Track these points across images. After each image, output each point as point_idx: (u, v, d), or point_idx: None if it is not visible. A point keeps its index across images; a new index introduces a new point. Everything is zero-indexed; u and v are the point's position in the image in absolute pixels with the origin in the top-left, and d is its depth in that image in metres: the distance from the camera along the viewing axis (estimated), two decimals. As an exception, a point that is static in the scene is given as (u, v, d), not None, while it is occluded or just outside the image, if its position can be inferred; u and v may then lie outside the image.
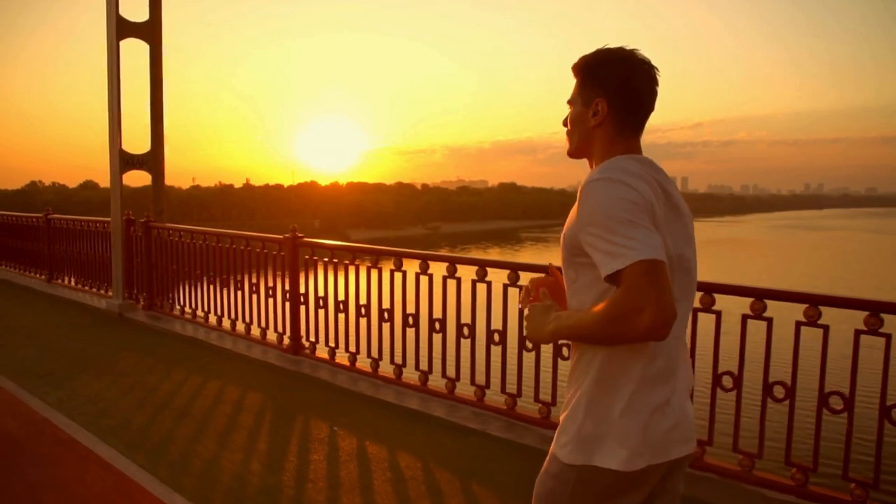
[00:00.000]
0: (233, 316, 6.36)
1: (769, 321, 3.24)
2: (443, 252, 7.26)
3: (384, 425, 4.21)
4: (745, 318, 3.30)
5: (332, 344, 5.46)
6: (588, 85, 1.56)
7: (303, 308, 5.70)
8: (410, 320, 4.83)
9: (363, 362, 5.26)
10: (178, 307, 7.10)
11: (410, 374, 4.92)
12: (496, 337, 4.33)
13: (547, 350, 3.95)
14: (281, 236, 5.78)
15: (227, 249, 6.34)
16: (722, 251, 55.11)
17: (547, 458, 1.57)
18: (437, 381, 4.79)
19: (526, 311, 1.59)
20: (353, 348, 5.29)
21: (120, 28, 7.28)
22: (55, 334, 6.52)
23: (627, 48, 1.54)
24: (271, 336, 6.04)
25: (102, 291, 8.38)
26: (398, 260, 4.92)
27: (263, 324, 6.05)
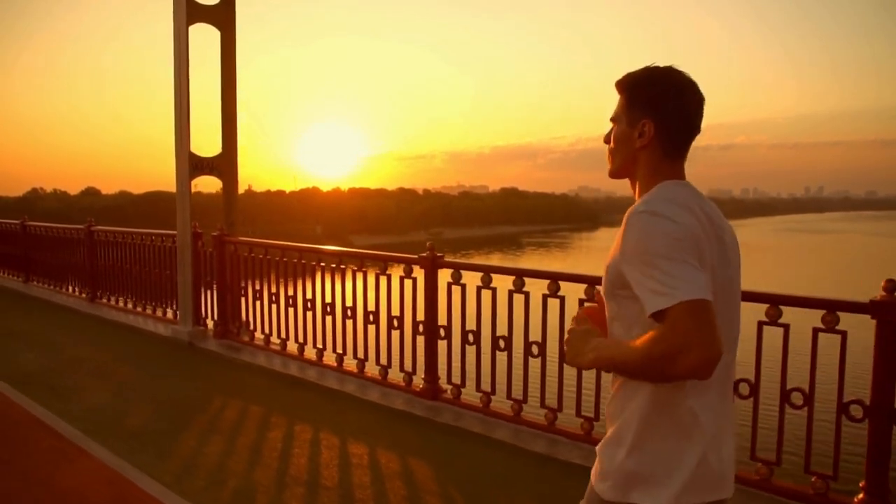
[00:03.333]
0: (339, 350, 5.31)
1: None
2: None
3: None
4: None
5: (485, 388, 4.43)
6: (635, 105, 1.50)
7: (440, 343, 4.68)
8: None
9: (534, 412, 4.24)
10: (260, 336, 6.04)
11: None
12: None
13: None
14: (416, 255, 4.74)
15: (331, 270, 5.30)
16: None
17: (587, 494, 1.53)
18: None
19: (566, 335, 1.56)
20: (516, 394, 4.26)
21: (190, 11, 6.25)
22: (124, 371, 5.46)
23: (676, 69, 1.49)
24: (394, 376, 5.00)
25: (160, 314, 7.32)
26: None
27: (384, 360, 5.00)
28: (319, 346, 5.47)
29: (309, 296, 5.51)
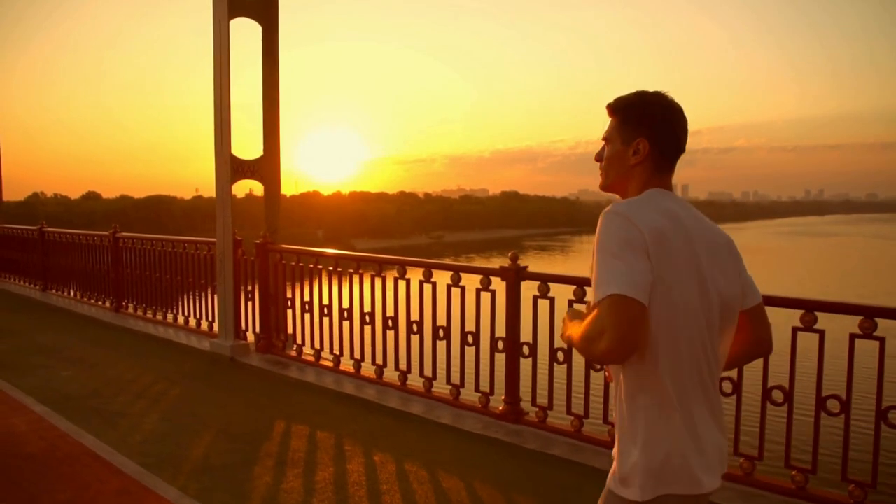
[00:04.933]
0: (402, 367, 4.91)
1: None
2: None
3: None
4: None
5: (577, 411, 4.04)
6: (629, 125, 1.61)
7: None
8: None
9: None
10: (310, 351, 5.64)
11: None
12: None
13: None
14: (497, 267, 4.35)
15: (394, 281, 4.91)
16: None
17: (603, 497, 1.60)
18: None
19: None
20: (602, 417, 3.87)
21: (231, 5, 5.86)
22: (170, 391, 5.05)
23: (663, 92, 1.62)
24: (467, 396, 4.60)
25: (192, 325, 6.92)
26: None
27: (456, 379, 4.61)
28: (379, 362, 5.08)
29: (367, 308, 5.12)
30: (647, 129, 1.58)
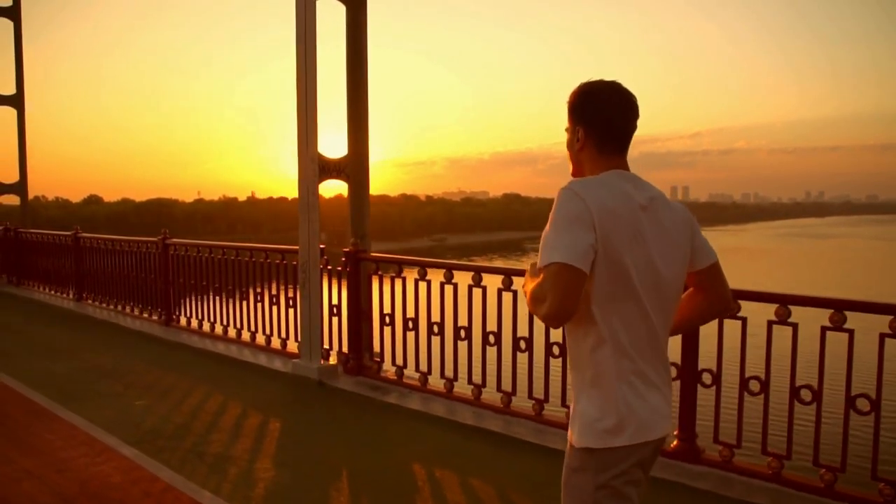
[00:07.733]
0: (538, 395, 4.26)
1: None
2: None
3: None
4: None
5: (775, 449, 3.39)
6: (571, 116, 1.78)
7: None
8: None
9: (861, 485, 3.22)
10: (414, 374, 4.98)
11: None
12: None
13: None
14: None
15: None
16: (734, 260, 53.61)
17: (566, 452, 1.75)
18: None
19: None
20: (829, 458, 3.23)
21: (317, -16, 5.22)
22: (270, 426, 4.35)
23: (604, 81, 1.76)
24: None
25: (261, 343, 6.26)
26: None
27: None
28: (506, 388, 4.43)
29: (491, 327, 4.47)
30: (583, 118, 1.73)
